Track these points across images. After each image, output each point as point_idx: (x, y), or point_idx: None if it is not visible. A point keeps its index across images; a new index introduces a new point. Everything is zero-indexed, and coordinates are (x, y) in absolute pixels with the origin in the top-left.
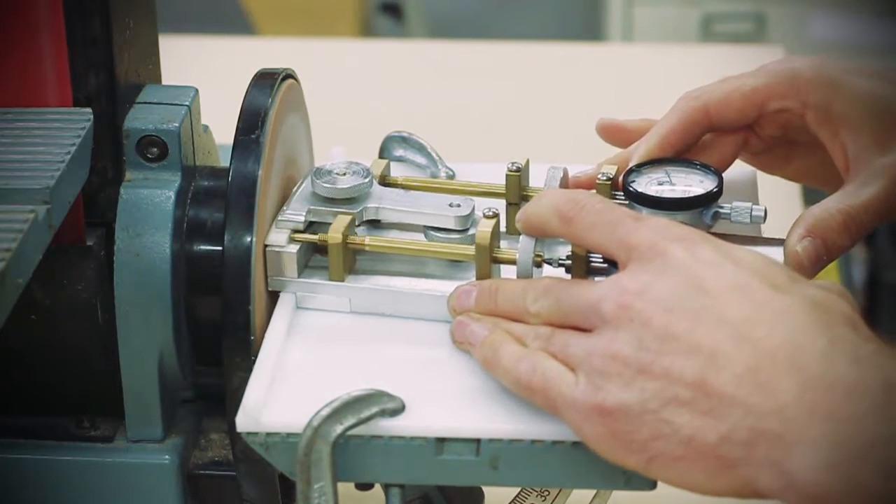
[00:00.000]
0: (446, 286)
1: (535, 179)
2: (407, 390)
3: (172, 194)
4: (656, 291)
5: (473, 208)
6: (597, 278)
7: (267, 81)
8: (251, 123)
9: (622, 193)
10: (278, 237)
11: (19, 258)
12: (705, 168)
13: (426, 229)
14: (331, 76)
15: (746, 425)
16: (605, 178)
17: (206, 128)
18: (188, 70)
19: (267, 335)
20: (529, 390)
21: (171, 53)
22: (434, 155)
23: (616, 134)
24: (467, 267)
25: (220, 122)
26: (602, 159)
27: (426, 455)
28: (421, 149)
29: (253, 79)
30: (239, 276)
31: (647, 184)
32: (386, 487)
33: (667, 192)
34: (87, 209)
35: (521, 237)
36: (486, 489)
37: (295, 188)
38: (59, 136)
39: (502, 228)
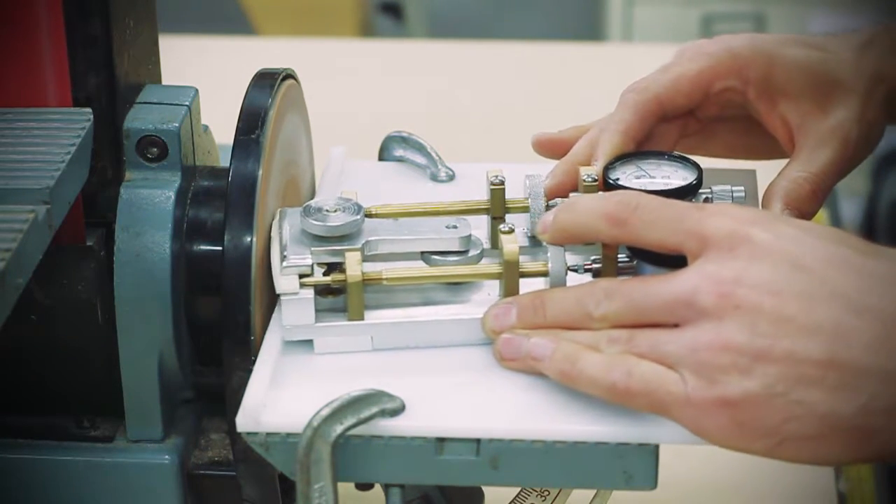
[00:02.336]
0: (463, 310)
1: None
2: (407, 390)
3: (172, 194)
4: (755, 276)
5: (469, 227)
6: (649, 271)
7: (267, 81)
8: (251, 123)
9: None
10: (289, 284)
11: (19, 258)
12: (673, 157)
13: (425, 255)
14: (331, 76)
15: (886, 392)
16: (590, 179)
17: (206, 128)
18: (188, 70)
19: (267, 335)
20: (628, 396)
21: (171, 53)
22: (434, 155)
23: (553, 147)
24: (467, 288)
25: (220, 122)
26: (524, 180)
27: (426, 455)
28: (421, 149)
29: (253, 79)
30: (239, 276)
31: (627, 179)
32: (386, 487)
33: (651, 184)
34: (87, 209)
35: (550, 248)
36: (486, 489)
37: (276, 229)
38: (59, 136)
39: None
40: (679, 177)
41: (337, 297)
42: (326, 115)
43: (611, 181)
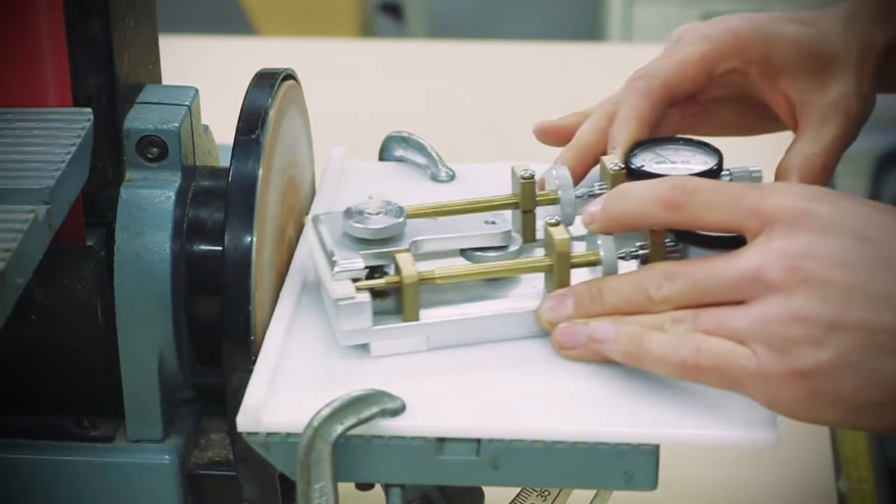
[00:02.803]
0: (514, 304)
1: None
2: (407, 390)
3: (172, 194)
4: (822, 250)
5: (507, 222)
6: (693, 254)
7: (267, 81)
8: (251, 123)
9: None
10: (345, 289)
11: (19, 258)
12: (688, 142)
13: (466, 252)
14: (331, 76)
15: None
16: (617, 167)
17: (206, 128)
18: (188, 70)
19: (267, 335)
20: (698, 372)
21: (171, 53)
22: (434, 155)
23: (556, 134)
24: (507, 283)
25: (220, 122)
26: (547, 173)
27: (426, 455)
28: (421, 149)
29: (253, 79)
30: (239, 276)
31: (649, 166)
32: (386, 487)
33: (673, 170)
34: (87, 209)
35: (600, 237)
36: (486, 489)
37: (313, 235)
38: (59, 136)
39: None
40: (698, 161)
41: (384, 299)
42: (326, 115)
43: (635, 168)
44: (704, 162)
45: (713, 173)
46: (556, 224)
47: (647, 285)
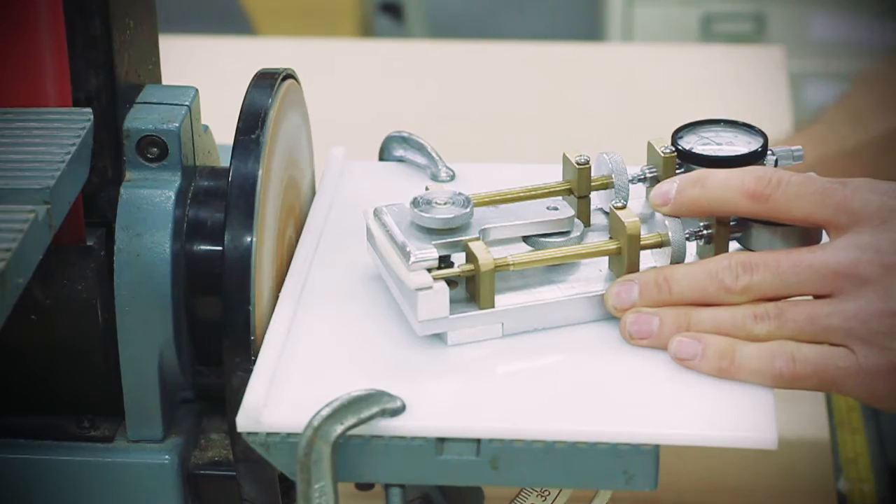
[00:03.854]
0: (583, 287)
1: (537, 176)
2: (407, 390)
3: (172, 194)
4: None
5: (569, 208)
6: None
7: (267, 81)
8: (251, 123)
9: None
10: (422, 279)
11: (19, 258)
12: (730, 123)
13: (529, 238)
14: (331, 76)
15: None
16: (668, 150)
17: (206, 128)
18: (188, 70)
19: (267, 335)
20: (796, 380)
21: (171, 53)
22: (434, 155)
23: None
24: (565, 269)
25: (220, 122)
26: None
27: (426, 455)
28: (421, 149)
29: (253, 79)
30: (239, 276)
31: (695, 148)
32: (386, 487)
33: (719, 151)
34: (87, 209)
35: (668, 220)
36: (486, 489)
37: (377, 227)
38: (59, 136)
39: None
40: (741, 142)
41: (454, 288)
42: (326, 115)
43: (683, 150)
44: (748, 143)
45: (758, 155)
46: (623, 207)
47: (723, 276)
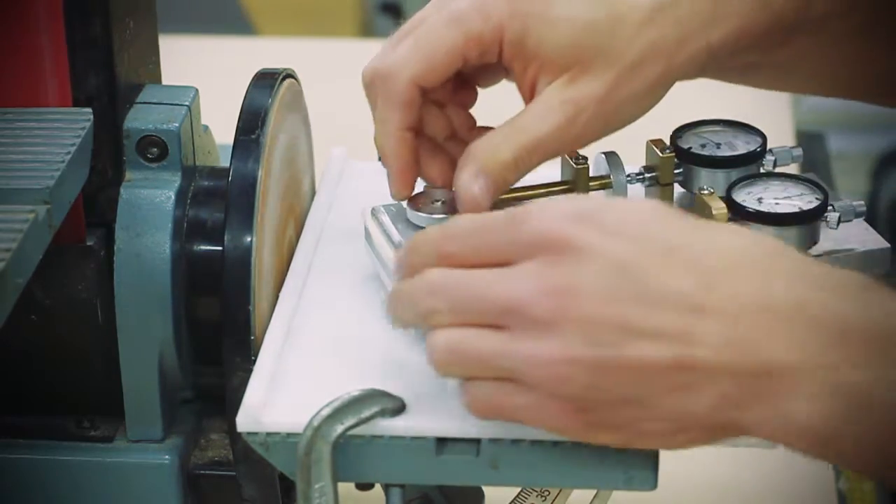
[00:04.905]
0: None
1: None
2: (407, 390)
3: (172, 194)
4: (587, 284)
5: None
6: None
7: (267, 81)
8: (251, 123)
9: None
10: None
11: (19, 258)
12: (731, 123)
13: None
14: (331, 76)
15: (734, 384)
16: (669, 151)
17: (206, 128)
18: (188, 70)
19: (267, 335)
20: (490, 415)
21: (171, 53)
22: None
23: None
24: None
25: (220, 122)
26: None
27: (426, 455)
28: None
29: (253, 79)
30: (239, 276)
31: (697, 150)
32: (386, 487)
33: (719, 152)
34: (87, 209)
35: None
36: (486, 489)
37: (373, 226)
38: (59, 136)
39: None
40: (741, 142)
41: None
42: (326, 115)
43: (682, 149)
44: (747, 143)
45: (757, 155)
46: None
47: (416, 298)
